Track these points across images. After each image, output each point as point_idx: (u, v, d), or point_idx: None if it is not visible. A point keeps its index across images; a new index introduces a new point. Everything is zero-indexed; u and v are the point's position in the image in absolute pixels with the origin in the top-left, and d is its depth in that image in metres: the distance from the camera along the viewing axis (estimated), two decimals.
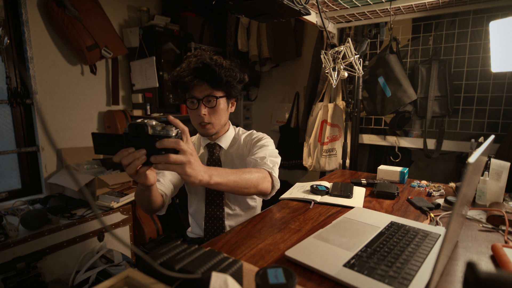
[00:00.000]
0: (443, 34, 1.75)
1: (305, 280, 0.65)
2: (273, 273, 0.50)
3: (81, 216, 1.71)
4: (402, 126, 1.91)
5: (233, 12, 1.16)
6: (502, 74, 1.61)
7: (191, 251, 0.57)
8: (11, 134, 1.92)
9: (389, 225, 0.89)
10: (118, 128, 2.21)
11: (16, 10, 1.83)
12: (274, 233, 0.89)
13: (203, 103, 1.04)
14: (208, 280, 0.47)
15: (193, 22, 2.53)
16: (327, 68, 1.41)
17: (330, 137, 2.07)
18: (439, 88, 1.73)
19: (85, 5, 1.98)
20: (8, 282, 1.36)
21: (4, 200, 1.87)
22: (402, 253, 0.71)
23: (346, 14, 1.67)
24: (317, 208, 1.09)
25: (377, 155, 2.14)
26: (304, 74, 2.82)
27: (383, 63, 1.76)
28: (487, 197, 1.07)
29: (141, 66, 2.28)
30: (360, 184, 1.37)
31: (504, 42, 1.24)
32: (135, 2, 2.41)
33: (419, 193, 1.26)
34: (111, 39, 2.09)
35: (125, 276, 0.51)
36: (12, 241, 1.43)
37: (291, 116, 2.92)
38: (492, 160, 1.10)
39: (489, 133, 0.90)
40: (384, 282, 0.60)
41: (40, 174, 1.99)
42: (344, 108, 2.02)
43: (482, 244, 0.80)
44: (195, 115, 1.07)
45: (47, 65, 1.97)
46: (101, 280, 1.52)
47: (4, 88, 1.82)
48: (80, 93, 2.16)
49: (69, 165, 2.03)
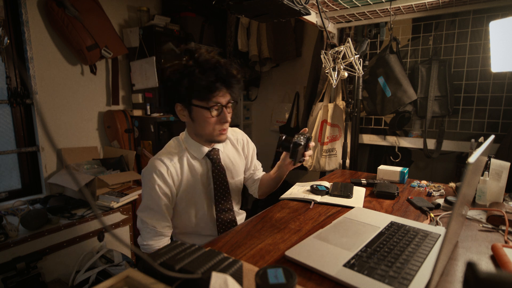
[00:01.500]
0: (443, 34, 1.75)
1: (305, 280, 0.65)
2: (273, 273, 0.50)
3: (81, 216, 1.71)
4: (402, 126, 1.91)
5: (233, 12, 1.16)
6: (502, 74, 1.60)
7: (191, 251, 0.57)
8: (11, 134, 1.92)
9: (389, 225, 0.89)
10: (118, 128, 2.21)
11: (16, 10, 1.83)
12: (274, 233, 0.89)
13: (226, 109, 0.99)
14: (208, 280, 0.47)
15: (193, 22, 2.53)
16: (327, 68, 1.41)
17: (330, 137, 2.07)
18: (439, 88, 1.73)
19: (85, 5, 1.98)
20: (8, 282, 1.36)
21: (4, 200, 1.86)
22: (402, 253, 0.71)
23: (346, 14, 1.67)
24: (317, 208, 1.09)
25: (377, 155, 2.14)
26: (304, 74, 2.82)
27: (383, 63, 1.76)
28: (487, 197, 1.07)
29: (141, 66, 2.28)
30: (360, 184, 1.37)
31: (504, 42, 1.24)
32: (135, 2, 2.41)
33: (419, 193, 1.26)
34: (111, 39, 2.09)
35: (125, 276, 0.51)
36: (12, 241, 1.43)
37: (291, 116, 2.92)
38: (492, 160, 1.10)
39: (489, 133, 0.90)
40: (384, 282, 0.60)
41: (40, 174, 1.99)
42: (344, 108, 2.02)
43: (482, 244, 0.80)
44: (214, 122, 0.98)
45: (47, 65, 1.97)
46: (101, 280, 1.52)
47: (4, 88, 1.82)
48: (80, 93, 2.16)
49: (69, 165, 2.03)
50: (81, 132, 2.18)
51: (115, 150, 2.25)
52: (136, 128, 2.31)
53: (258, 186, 1.29)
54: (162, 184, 0.97)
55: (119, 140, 2.24)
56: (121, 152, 2.20)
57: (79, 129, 2.17)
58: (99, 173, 1.99)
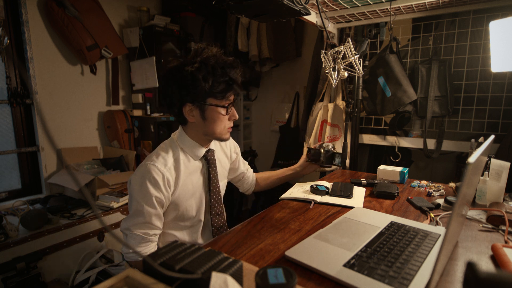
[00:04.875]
0: (443, 34, 1.75)
1: (305, 280, 0.65)
2: (273, 273, 0.50)
3: (81, 216, 1.71)
4: (402, 126, 1.91)
5: (233, 12, 1.16)
6: (502, 74, 1.60)
7: (191, 251, 0.57)
8: (11, 134, 1.92)
9: (389, 225, 0.89)
10: (118, 128, 2.21)
11: (16, 10, 1.83)
12: (274, 233, 0.89)
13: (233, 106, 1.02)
14: (208, 280, 0.47)
15: (193, 22, 2.53)
16: (327, 68, 1.41)
17: (330, 137, 2.07)
18: (439, 88, 1.73)
19: (85, 5, 1.98)
20: (8, 282, 1.36)
21: (4, 200, 1.86)
22: (402, 253, 0.71)
23: (346, 14, 1.67)
24: (317, 208, 1.09)
25: (377, 155, 2.14)
26: (304, 74, 2.82)
27: (383, 63, 1.76)
28: (487, 197, 1.07)
29: (141, 66, 2.28)
30: (360, 184, 1.37)
31: (504, 42, 1.24)
32: (135, 2, 2.41)
33: (419, 193, 1.26)
34: (111, 39, 2.09)
35: (125, 276, 0.51)
36: (12, 241, 1.43)
37: (291, 116, 2.92)
38: (492, 160, 1.10)
39: (489, 133, 0.90)
40: (384, 282, 0.60)
41: (40, 174, 1.99)
42: (344, 108, 2.02)
43: (482, 244, 0.80)
44: (225, 119, 1.00)
45: (47, 65, 1.97)
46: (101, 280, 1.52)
47: (4, 88, 1.82)
48: (80, 93, 2.16)
49: (69, 165, 2.03)
50: (81, 132, 2.19)
51: (115, 150, 2.25)
52: (136, 128, 2.31)
53: (256, 183, 1.37)
54: (156, 193, 0.92)
55: (119, 140, 2.24)
56: (121, 152, 2.20)
57: (79, 129, 2.17)
58: (99, 173, 1.99)
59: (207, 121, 0.98)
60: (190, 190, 1.02)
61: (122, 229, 0.96)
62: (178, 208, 1.00)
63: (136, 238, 0.93)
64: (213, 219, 1.09)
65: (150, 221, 0.93)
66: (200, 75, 0.91)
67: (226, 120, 1.00)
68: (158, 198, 0.93)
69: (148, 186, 0.91)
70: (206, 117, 0.97)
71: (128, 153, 2.18)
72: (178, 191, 0.98)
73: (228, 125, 1.02)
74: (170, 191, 0.96)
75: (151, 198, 0.91)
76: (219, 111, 0.97)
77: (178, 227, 1.05)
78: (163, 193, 0.93)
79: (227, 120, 1.01)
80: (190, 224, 1.06)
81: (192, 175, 1.03)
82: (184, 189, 1.00)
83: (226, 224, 1.15)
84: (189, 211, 1.03)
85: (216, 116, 0.98)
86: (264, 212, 1.06)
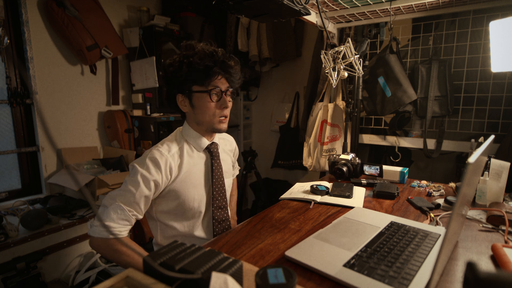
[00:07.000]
0: (443, 34, 1.75)
1: (305, 280, 0.65)
2: (273, 273, 0.50)
3: (81, 216, 1.71)
4: (402, 126, 1.91)
5: (233, 12, 1.16)
6: (502, 74, 1.60)
7: (191, 251, 0.57)
8: (11, 134, 1.92)
9: (389, 225, 0.89)
10: (118, 128, 2.21)
11: (16, 10, 1.83)
12: (274, 233, 0.89)
13: (225, 95, 1.01)
14: (208, 280, 0.47)
15: (193, 22, 2.53)
16: (327, 68, 1.41)
17: (330, 137, 2.07)
18: (439, 88, 1.73)
19: (85, 5, 1.98)
20: (8, 282, 1.36)
21: (4, 200, 1.86)
22: (402, 253, 0.71)
23: (346, 14, 1.67)
24: (317, 208, 1.09)
25: (377, 155, 2.14)
26: (304, 74, 2.82)
27: (383, 63, 1.76)
28: (487, 197, 1.07)
29: (141, 66, 2.28)
30: (360, 184, 1.37)
31: (504, 42, 1.24)
32: (135, 2, 2.41)
33: (419, 193, 1.26)
34: (111, 39, 2.09)
35: (125, 276, 0.51)
36: (12, 241, 1.43)
37: (291, 116, 2.92)
38: (492, 160, 1.10)
39: (489, 133, 0.90)
40: (384, 282, 0.60)
41: (40, 174, 1.99)
42: (344, 108, 2.02)
43: (482, 244, 0.80)
44: (214, 108, 1.00)
45: (47, 65, 1.97)
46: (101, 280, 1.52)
47: (4, 88, 1.82)
48: (80, 93, 2.16)
49: (69, 165, 2.03)
50: (81, 132, 2.18)
51: (115, 150, 2.25)
52: (136, 128, 2.31)
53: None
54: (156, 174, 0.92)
55: (119, 140, 2.24)
56: (121, 152, 2.20)
57: (79, 129, 2.17)
58: (99, 173, 1.98)
59: (196, 109, 1.01)
60: (192, 180, 1.02)
61: (104, 201, 0.92)
62: (178, 197, 1.00)
63: (118, 211, 0.88)
64: (214, 212, 1.08)
65: (139, 201, 0.91)
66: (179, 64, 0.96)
67: (213, 107, 1.00)
68: (156, 181, 0.93)
69: (149, 167, 0.92)
70: (194, 105, 1.01)
71: (128, 153, 2.18)
72: (179, 179, 0.99)
73: (219, 114, 1.01)
74: (170, 178, 0.97)
75: (149, 179, 0.91)
76: (203, 97, 0.99)
77: (178, 218, 1.05)
78: (162, 177, 0.94)
79: (216, 108, 1.00)
80: (191, 215, 1.06)
81: (195, 166, 1.04)
82: (186, 178, 1.01)
83: (229, 219, 1.13)
84: (190, 201, 1.03)
85: (202, 103, 0.99)
86: (264, 212, 1.07)
